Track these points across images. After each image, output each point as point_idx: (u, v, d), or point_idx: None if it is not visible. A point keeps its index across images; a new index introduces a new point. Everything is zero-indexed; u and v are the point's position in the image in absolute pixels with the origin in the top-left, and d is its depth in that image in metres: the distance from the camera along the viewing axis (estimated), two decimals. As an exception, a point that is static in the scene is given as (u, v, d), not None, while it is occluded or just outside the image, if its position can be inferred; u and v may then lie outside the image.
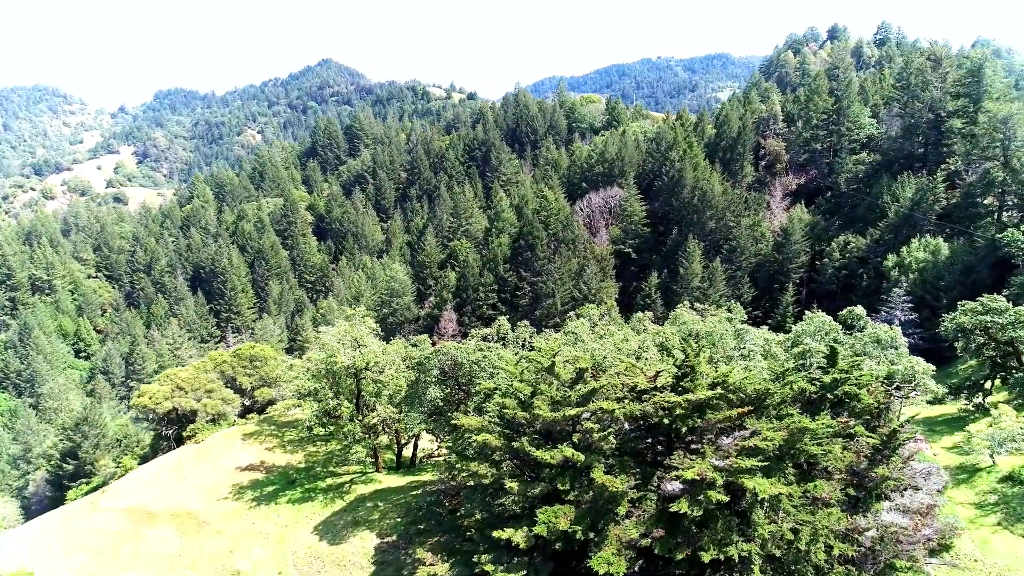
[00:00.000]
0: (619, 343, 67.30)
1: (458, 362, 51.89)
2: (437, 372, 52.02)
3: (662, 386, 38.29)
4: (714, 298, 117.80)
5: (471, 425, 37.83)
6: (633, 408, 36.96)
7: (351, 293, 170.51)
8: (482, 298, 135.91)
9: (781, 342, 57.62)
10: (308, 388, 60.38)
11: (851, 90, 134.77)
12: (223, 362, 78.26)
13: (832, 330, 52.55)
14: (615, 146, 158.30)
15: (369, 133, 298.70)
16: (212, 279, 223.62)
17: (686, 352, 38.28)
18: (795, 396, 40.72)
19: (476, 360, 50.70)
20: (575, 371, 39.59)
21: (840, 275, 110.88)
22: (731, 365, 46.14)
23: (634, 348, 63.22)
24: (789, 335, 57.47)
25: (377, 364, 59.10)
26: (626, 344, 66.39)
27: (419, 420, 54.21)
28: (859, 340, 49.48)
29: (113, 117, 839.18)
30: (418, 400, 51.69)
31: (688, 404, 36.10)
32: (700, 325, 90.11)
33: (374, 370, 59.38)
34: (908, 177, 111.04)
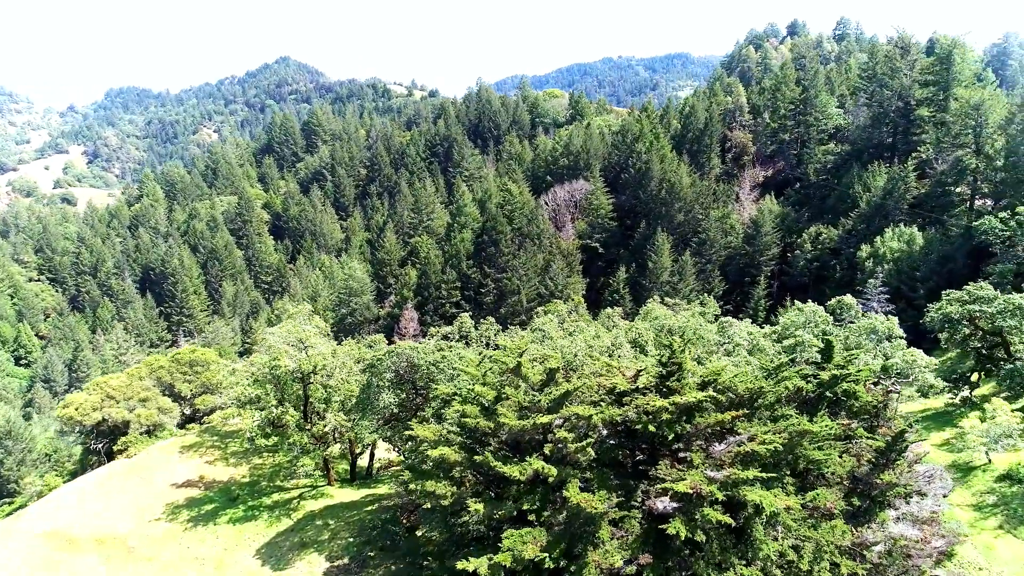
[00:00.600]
0: (590, 340, 62.77)
1: (414, 364, 46.66)
2: (391, 375, 46.67)
3: (644, 387, 33.60)
4: (684, 292, 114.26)
5: (427, 437, 32.66)
6: (613, 413, 32.21)
7: (308, 293, 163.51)
8: (444, 296, 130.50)
9: (768, 334, 53.58)
10: (249, 395, 54.56)
11: (818, 80, 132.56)
12: (160, 368, 71.65)
13: (823, 321, 48.58)
14: (580, 138, 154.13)
15: (327, 129, 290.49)
16: (162, 281, 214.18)
17: (672, 348, 33.62)
18: (790, 395, 36.51)
19: (434, 361, 45.54)
20: (545, 372, 34.69)
21: (812, 267, 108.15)
22: (718, 361, 41.74)
23: (607, 345, 58.71)
24: (775, 327, 53.43)
25: (325, 368, 53.52)
26: (598, 341, 61.85)
27: (372, 429, 48.76)
28: (852, 332, 45.51)
29: (62, 116, 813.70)
30: (370, 407, 46.24)
31: (676, 408, 31.49)
32: (673, 320, 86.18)
33: (322, 374, 53.82)
34: (879, 166, 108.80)
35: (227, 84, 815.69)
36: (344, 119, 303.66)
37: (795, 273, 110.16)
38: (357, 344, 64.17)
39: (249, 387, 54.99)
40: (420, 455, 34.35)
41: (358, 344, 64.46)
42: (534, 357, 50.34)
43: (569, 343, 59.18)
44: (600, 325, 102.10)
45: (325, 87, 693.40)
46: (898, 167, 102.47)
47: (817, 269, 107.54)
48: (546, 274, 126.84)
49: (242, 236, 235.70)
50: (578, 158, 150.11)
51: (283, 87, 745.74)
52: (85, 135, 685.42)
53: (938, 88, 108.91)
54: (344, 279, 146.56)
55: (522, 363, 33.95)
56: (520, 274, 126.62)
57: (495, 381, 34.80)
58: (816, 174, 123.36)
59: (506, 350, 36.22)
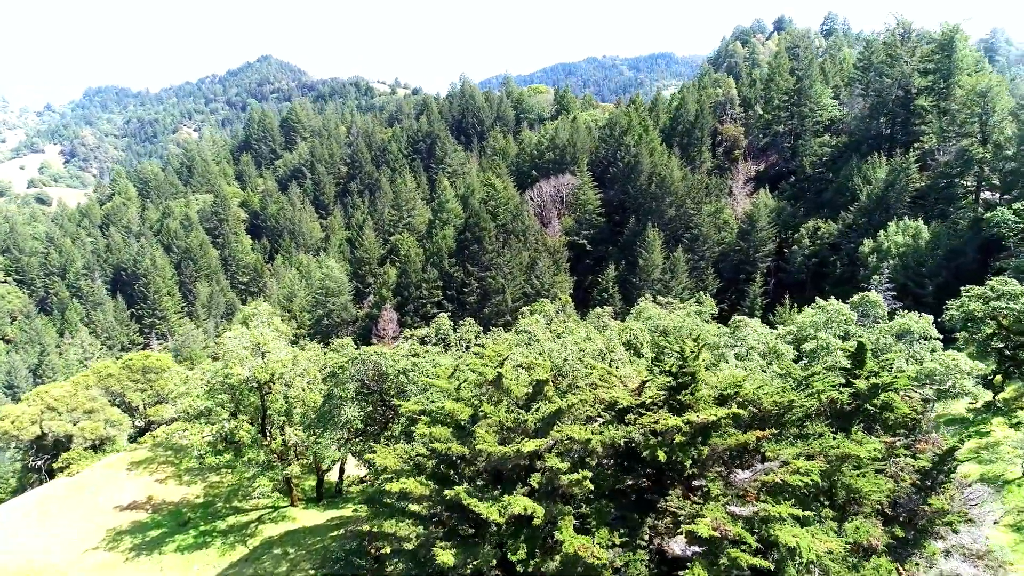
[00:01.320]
0: (582, 343, 57.12)
1: (382, 372, 40.78)
2: (355, 385, 40.71)
3: (651, 401, 27.98)
4: (677, 291, 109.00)
5: (389, 465, 26.81)
6: (614, 434, 26.54)
7: (284, 294, 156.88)
8: (425, 296, 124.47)
9: (782, 336, 48.09)
10: (198, 407, 48.41)
11: (813, 70, 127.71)
12: (109, 375, 65.14)
13: (847, 320, 43.13)
14: (566, 132, 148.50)
15: (307, 126, 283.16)
16: (134, 282, 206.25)
17: (683, 355, 27.97)
18: (821, 408, 31.06)
19: (404, 369, 39.68)
20: (531, 384, 28.96)
21: (811, 263, 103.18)
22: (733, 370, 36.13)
23: (600, 349, 53.10)
24: (790, 328, 47.97)
25: (283, 376, 47.46)
26: (590, 344, 56.20)
27: (334, 447, 42.79)
28: (881, 332, 40.07)
29: (39, 116, 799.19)
30: (331, 422, 40.27)
31: (691, 427, 25.88)
32: (668, 319, 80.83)
33: (280, 383, 47.78)
34: (879, 158, 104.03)
35: (208, 83, 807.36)
36: (324, 116, 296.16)
37: (792, 270, 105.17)
38: (323, 349, 57.91)
39: (199, 398, 48.88)
40: (381, 486, 28.44)
41: (324, 349, 58.21)
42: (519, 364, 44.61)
43: (558, 347, 53.49)
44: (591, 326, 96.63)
45: (307, 86, 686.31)
46: (901, 158, 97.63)
47: (816, 265, 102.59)
48: (532, 272, 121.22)
49: (218, 235, 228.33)
50: (564, 152, 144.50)
51: (265, 86, 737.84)
52: (62, 134, 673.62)
53: (939, 76, 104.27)
54: (321, 279, 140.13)
55: (504, 373, 28.15)
56: (504, 272, 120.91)
57: (471, 396, 29.03)
58: (812, 167, 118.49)
59: (485, 357, 30.36)
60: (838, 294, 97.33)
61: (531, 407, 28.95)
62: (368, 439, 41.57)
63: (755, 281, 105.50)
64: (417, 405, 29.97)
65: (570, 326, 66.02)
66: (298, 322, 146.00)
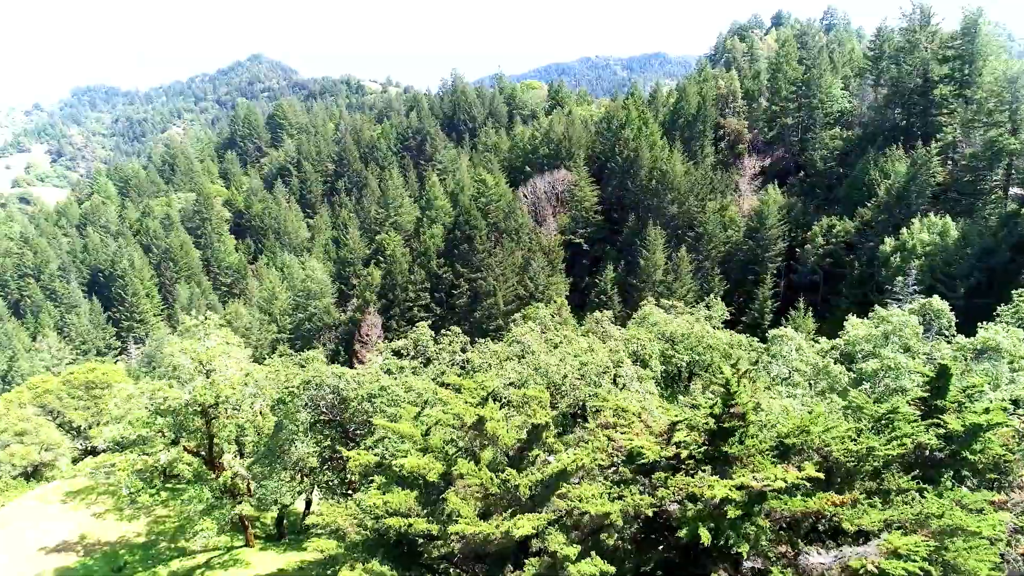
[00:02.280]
0: (583, 355, 49.81)
1: (344, 398, 33.35)
2: (310, 414, 33.24)
3: (686, 452, 20.62)
4: (680, 293, 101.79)
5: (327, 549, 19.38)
6: (639, 502, 19.18)
7: (264, 295, 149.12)
8: (412, 298, 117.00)
9: (825, 351, 40.82)
10: (132, 435, 40.84)
11: (822, 59, 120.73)
12: (46, 391, 57.36)
13: (911, 333, 35.74)
14: (561, 126, 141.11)
15: (294, 122, 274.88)
16: (112, 283, 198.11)
17: (728, 388, 20.54)
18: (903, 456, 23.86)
19: (370, 395, 32.25)
20: (527, 430, 21.54)
21: (825, 263, 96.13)
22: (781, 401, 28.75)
23: (605, 363, 45.84)
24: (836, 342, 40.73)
25: (227, 400, 39.88)
26: (592, 357, 48.89)
27: (283, 487, 35.33)
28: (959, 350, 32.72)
29: (27, 115, 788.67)
30: (278, 460, 32.81)
31: (748, 496, 18.55)
32: (674, 325, 73.55)
33: (224, 408, 40.26)
34: (896, 151, 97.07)
35: (198, 82, 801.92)
36: (312, 112, 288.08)
37: (805, 270, 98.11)
38: (288, 363, 50.27)
39: (133, 424, 41.33)
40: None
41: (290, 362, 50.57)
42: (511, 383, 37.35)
43: (556, 361, 46.20)
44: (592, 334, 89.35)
45: (298, 84, 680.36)
46: (923, 150, 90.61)
47: (830, 266, 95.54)
48: (525, 273, 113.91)
49: (201, 235, 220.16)
50: (559, 146, 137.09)
51: (255, 85, 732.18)
52: (49, 133, 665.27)
53: (961, 63, 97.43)
54: (303, 280, 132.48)
55: (486, 416, 20.68)
56: (496, 274, 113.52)
57: (443, 442, 21.63)
58: (823, 161, 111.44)
59: (464, 390, 22.90)
60: (856, 297, 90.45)
61: (525, 457, 21.59)
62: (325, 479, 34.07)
63: (764, 283, 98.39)
64: (371, 455, 22.48)
65: (568, 335, 58.65)
66: (279, 326, 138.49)
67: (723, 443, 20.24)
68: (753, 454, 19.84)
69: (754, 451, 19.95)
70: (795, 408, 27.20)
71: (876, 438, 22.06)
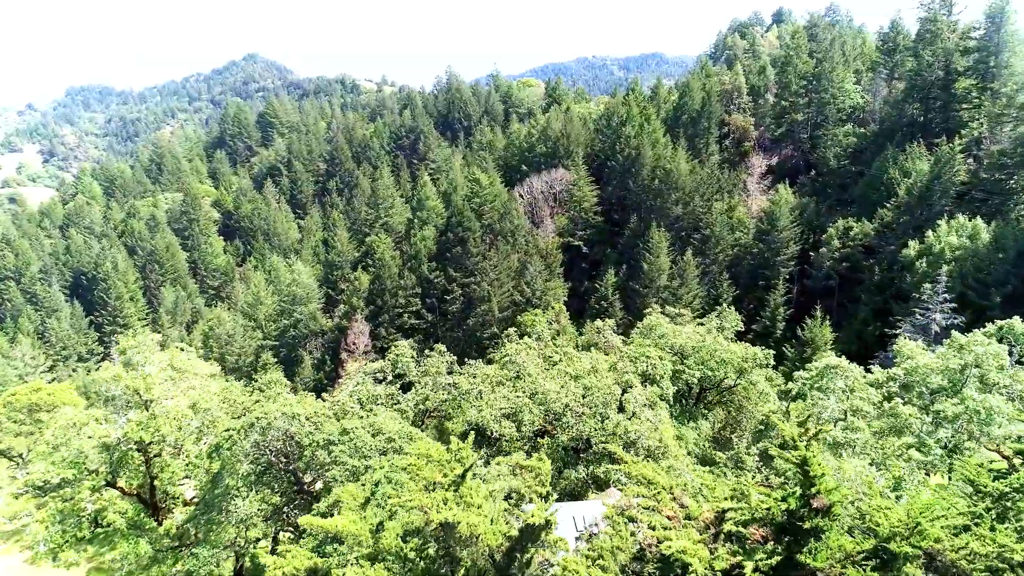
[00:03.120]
0: (586, 377, 43.55)
1: (299, 443, 27.06)
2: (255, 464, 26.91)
3: (746, 560, 14.39)
4: (687, 299, 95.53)
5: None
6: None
7: (249, 300, 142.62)
8: (402, 304, 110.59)
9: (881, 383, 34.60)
10: (56, 478, 34.49)
11: (834, 51, 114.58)
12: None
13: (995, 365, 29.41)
14: (559, 123, 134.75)
15: (285, 121, 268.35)
16: (95, 286, 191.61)
17: (805, 466, 14.21)
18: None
19: (328, 441, 25.98)
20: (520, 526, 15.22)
21: (841, 268, 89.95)
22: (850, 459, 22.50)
23: (612, 390, 39.59)
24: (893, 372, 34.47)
25: (164, 439, 33.47)
26: (597, 380, 42.60)
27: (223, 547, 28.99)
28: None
29: (20, 115, 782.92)
30: (214, 522, 26.50)
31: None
32: (683, 338, 67.36)
33: (160, 446, 33.92)
34: (918, 148, 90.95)
35: (193, 82, 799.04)
36: (303, 110, 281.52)
37: (819, 275, 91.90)
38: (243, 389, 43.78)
39: (58, 464, 35.00)
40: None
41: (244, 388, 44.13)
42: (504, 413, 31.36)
43: (556, 386, 39.92)
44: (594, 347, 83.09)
45: (293, 84, 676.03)
46: (947, 146, 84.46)
47: (847, 270, 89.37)
48: (521, 278, 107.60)
49: (188, 237, 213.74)
50: (557, 144, 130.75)
51: (250, 84, 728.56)
52: (40, 133, 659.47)
53: (986, 53, 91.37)
54: (288, 284, 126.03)
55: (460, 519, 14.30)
56: (491, 278, 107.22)
57: (400, 546, 15.33)
58: (837, 159, 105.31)
59: (432, 461, 16.56)
60: (876, 304, 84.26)
61: (515, 560, 15.31)
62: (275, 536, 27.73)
63: (776, 289, 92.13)
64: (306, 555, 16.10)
65: (569, 352, 52.31)
66: (264, 332, 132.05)
67: (799, 549, 13.96)
68: (846, 567, 13.56)
69: (846, 562, 13.67)
70: (873, 475, 21.13)
71: (1004, 529, 15.83)
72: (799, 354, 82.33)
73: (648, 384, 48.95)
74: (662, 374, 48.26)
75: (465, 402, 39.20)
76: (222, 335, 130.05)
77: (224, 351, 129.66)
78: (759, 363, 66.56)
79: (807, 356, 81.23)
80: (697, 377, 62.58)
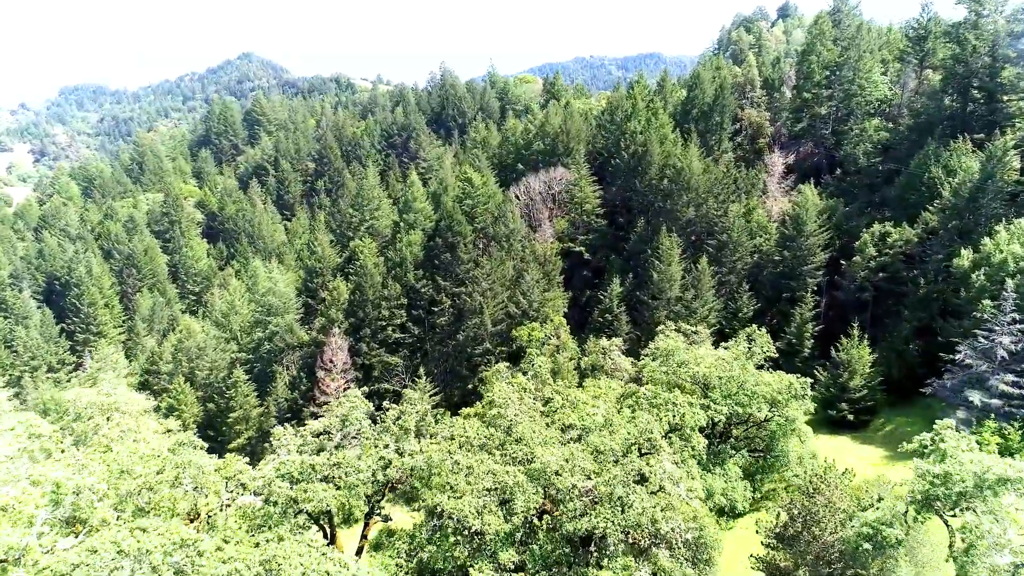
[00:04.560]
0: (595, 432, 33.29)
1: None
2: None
3: None
4: (702, 314, 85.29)
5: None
6: None
7: (224, 308, 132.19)
8: (385, 317, 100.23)
9: None
10: None
11: (861, 38, 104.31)
12: None
13: None
14: (558, 118, 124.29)
15: (272, 119, 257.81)
16: (68, 292, 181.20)
17: None
18: None
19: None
20: None
21: (877, 279, 79.64)
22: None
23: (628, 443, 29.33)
24: None
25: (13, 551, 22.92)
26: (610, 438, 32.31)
27: None
28: None
29: (13, 114, 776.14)
30: None
31: None
32: (705, 366, 57.23)
33: None
34: (964, 143, 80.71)
35: (187, 81, 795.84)
36: (291, 107, 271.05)
37: (852, 287, 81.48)
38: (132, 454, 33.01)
39: None
40: None
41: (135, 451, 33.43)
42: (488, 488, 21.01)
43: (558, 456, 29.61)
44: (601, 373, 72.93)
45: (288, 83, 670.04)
46: (1000, 141, 74.15)
47: (885, 281, 79.05)
48: (517, 288, 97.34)
49: (169, 239, 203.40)
50: (556, 141, 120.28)
51: (244, 83, 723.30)
52: (32, 132, 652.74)
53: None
54: (264, 293, 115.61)
55: None
56: (483, 288, 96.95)
57: None
58: (866, 156, 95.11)
59: None
60: (921, 320, 73.95)
61: None
62: None
63: (804, 302, 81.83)
64: None
65: (572, 396, 41.90)
66: (239, 344, 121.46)
67: None
68: None
69: None
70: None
71: None
72: (833, 378, 72.15)
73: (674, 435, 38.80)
74: (693, 427, 37.97)
75: (438, 476, 29.02)
76: (191, 348, 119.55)
77: (194, 366, 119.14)
78: (795, 394, 56.62)
79: (843, 381, 71.12)
80: (725, 414, 52.48)
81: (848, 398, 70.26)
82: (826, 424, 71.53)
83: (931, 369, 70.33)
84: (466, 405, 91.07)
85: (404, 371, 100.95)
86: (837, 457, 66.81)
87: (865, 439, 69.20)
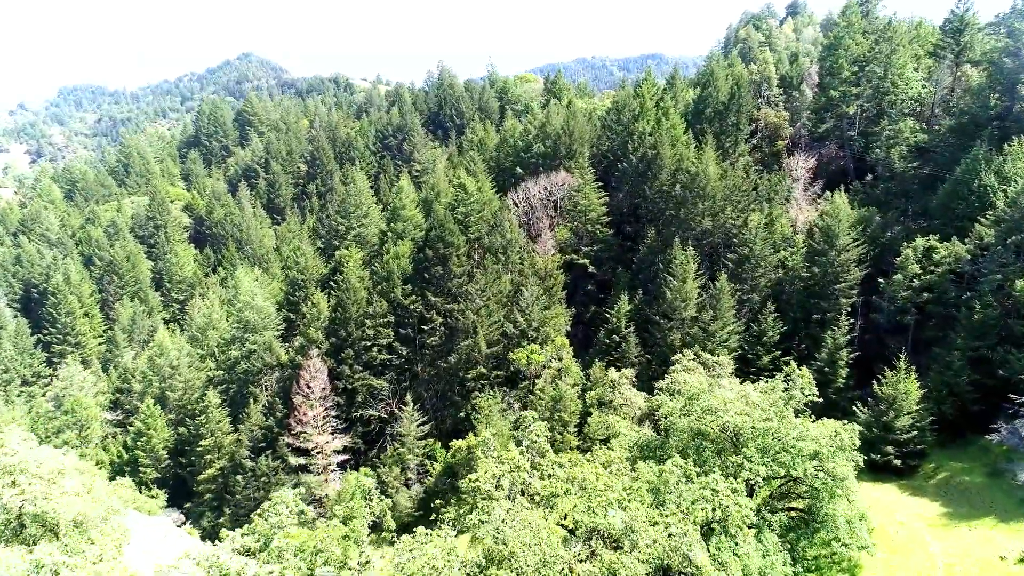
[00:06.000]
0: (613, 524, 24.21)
1: None
2: None
3: None
4: (721, 337, 75.98)
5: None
6: None
7: (201, 322, 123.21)
8: (370, 336, 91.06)
9: None
10: None
11: (892, 31, 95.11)
12: None
13: None
14: (560, 118, 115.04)
15: (264, 119, 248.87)
16: (45, 300, 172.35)
17: None
18: None
19: None
20: None
21: (920, 300, 70.41)
22: None
23: None
24: None
25: None
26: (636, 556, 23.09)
27: None
28: None
29: (11, 115, 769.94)
30: None
31: None
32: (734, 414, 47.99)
33: None
34: (1019, 146, 71.54)
35: (186, 81, 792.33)
36: (283, 107, 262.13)
37: (892, 309, 72.09)
38: None
39: None
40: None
41: None
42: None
43: None
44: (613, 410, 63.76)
45: (287, 83, 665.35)
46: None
47: (931, 303, 69.80)
48: (514, 304, 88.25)
49: (154, 244, 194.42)
50: (558, 143, 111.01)
51: (243, 83, 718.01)
52: (29, 133, 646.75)
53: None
54: (240, 308, 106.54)
55: None
56: (477, 305, 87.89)
57: None
58: (902, 161, 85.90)
59: None
60: (975, 349, 64.72)
61: None
62: None
63: (838, 325, 72.49)
64: None
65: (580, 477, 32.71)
66: (216, 362, 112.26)
67: None
68: None
69: None
70: None
71: None
72: (876, 416, 62.85)
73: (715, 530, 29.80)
74: (740, 524, 28.79)
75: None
76: (163, 367, 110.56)
77: (166, 385, 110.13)
78: (841, 445, 47.34)
79: (888, 420, 61.82)
80: (763, 476, 43.27)
81: (894, 439, 60.99)
82: (868, 469, 62.13)
83: (989, 406, 61.21)
84: (458, 435, 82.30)
85: (391, 395, 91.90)
86: (886, 513, 57.52)
87: (916, 489, 59.93)
